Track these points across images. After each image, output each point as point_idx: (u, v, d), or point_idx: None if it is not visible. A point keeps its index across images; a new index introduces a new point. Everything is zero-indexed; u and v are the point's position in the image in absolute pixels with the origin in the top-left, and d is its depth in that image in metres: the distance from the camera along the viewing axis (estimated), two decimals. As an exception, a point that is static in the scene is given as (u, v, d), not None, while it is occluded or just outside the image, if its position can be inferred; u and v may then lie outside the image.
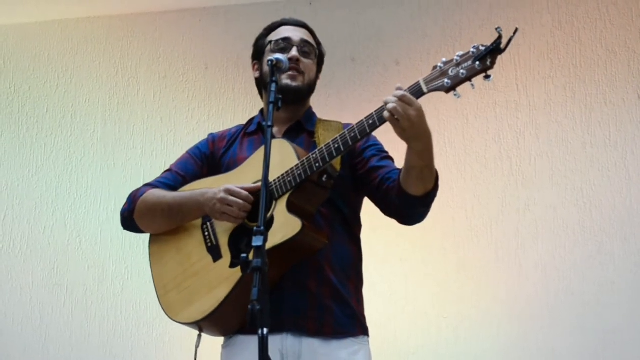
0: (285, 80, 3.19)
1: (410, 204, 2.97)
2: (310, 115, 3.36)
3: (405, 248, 4.94)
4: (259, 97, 3.42)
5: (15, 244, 5.53)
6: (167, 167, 3.45)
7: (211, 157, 3.38)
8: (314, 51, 3.34)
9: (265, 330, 2.39)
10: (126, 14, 5.70)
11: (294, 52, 3.25)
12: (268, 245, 2.81)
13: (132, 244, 5.36)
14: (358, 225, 3.28)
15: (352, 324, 3.11)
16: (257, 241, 2.48)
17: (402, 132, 2.79)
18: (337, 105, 5.01)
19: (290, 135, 3.27)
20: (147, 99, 5.59)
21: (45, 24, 5.78)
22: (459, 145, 5.06)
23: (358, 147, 3.17)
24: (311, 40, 3.35)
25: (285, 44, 3.29)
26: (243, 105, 5.39)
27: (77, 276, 5.43)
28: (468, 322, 4.89)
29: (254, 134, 3.36)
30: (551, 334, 4.78)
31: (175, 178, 3.36)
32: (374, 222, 3.29)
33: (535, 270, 4.86)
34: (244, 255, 2.49)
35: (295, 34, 3.32)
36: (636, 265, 4.77)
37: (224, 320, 3.11)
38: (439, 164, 4.97)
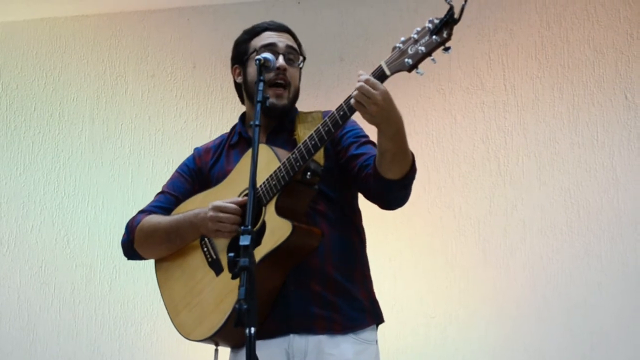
0: (271, 99, 3.15)
1: (387, 188, 2.96)
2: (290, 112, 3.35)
3: (393, 247, 4.94)
4: (247, 95, 3.42)
5: (2, 243, 5.51)
6: (160, 190, 3.45)
7: (199, 172, 3.38)
8: (298, 57, 3.31)
9: (253, 330, 2.37)
10: (114, 13, 5.68)
11: (281, 60, 3.21)
12: (263, 252, 2.87)
13: (120, 243, 5.34)
14: (356, 214, 3.26)
15: (362, 316, 3.10)
16: (244, 240, 2.47)
17: (370, 118, 2.78)
18: (325, 104, 4.94)
19: (271, 136, 3.27)
20: (135, 97, 5.57)
21: (34, 22, 5.76)
22: (447, 145, 5.07)
23: (336, 135, 3.14)
24: (295, 45, 3.32)
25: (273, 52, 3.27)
26: (231, 104, 5.38)
27: (65, 275, 5.41)
28: (456, 322, 4.89)
29: (237, 145, 3.35)
30: (539, 334, 4.79)
31: (168, 199, 3.37)
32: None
33: (522, 271, 4.87)
34: (231, 254, 2.47)
35: (280, 40, 3.29)
36: (623, 265, 4.79)
37: (236, 332, 3.10)
38: (427, 163, 4.98)
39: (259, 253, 2.91)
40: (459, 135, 5.07)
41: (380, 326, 3.10)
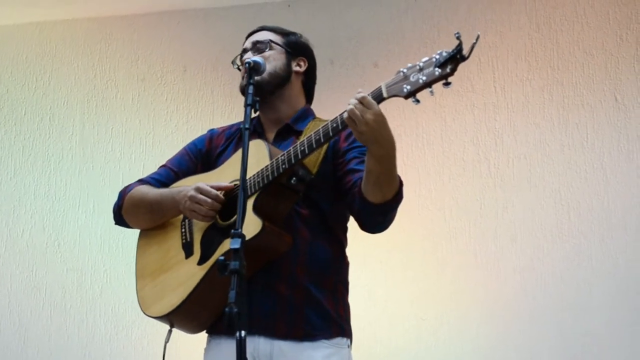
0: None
1: (367, 210, 2.96)
2: (304, 116, 3.34)
3: (384, 250, 4.93)
4: (237, 99, 3.43)
5: (-7, 247, 5.52)
6: (162, 164, 3.47)
7: (206, 155, 3.39)
8: (270, 44, 3.30)
9: (243, 333, 2.37)
10: (104, 17, 5.68)
11: (245, 55, 3.27)
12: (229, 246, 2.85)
13: (111, 247, 5.35)
14: (341, 227, 3.25)
15: (327, 325, 3.07)
16: (234, 244, 2.47)
17: (360, 135, 2.77)
18: (316, 107, 4.97)
19: (279, 138, 3.27)
20: (125, 101, 5.57)
21: (23, 26, 5.76)
22: (437, 147, 5.07)
23: (341, 147, 3.15)
24: (265, 37, 3.33)
25: (242, 55, 3.33)
26: (221, 107, 5.39)
27: (56, 279, 5.41)
28: (447, 324, 4.89)
29: (250, 135, 3.34)
30: (530, 335, 4.79)
31: (168, 174, 3.38)
32: (353, 225, 3.28)
33: (513, 272, 4.87)
34: (221, 257, 2.47)
35: (249, 41, 3.35)
36: (614, 267, 4.79)
37: (191, 317, 3.14)
38: (417, 166, 4.97)
39: (227, 246, 2.93)
40: (449, 138, 5.07)
41: (372, 328, 3.08)
